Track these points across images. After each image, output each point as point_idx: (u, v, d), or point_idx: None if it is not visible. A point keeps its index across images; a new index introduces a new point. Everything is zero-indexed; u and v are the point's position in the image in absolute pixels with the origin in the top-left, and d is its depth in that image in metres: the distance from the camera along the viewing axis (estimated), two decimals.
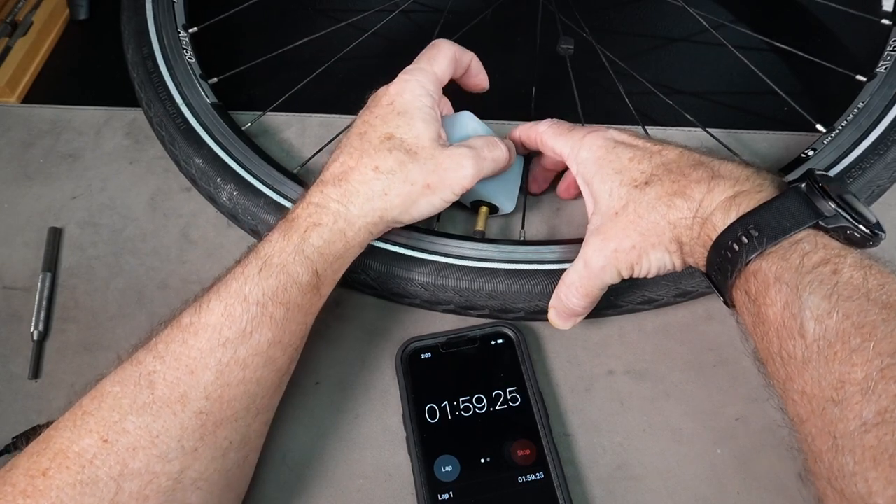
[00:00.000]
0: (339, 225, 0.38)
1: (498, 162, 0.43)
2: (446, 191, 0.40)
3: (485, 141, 0.43)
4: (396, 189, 0.39)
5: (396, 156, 0.39)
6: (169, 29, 0.55)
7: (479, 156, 0.41)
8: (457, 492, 0.38)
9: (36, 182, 0.54)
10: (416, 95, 0.41)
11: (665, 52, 0.61)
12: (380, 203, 0.39)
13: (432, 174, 0.40)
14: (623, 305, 0.43)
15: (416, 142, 0.40)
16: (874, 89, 0.48)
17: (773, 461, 0.40)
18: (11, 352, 0.46)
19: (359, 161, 0.40)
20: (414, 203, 0.40)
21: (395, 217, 0.40)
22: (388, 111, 0.41)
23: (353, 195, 0.39)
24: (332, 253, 0.38)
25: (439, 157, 0.40)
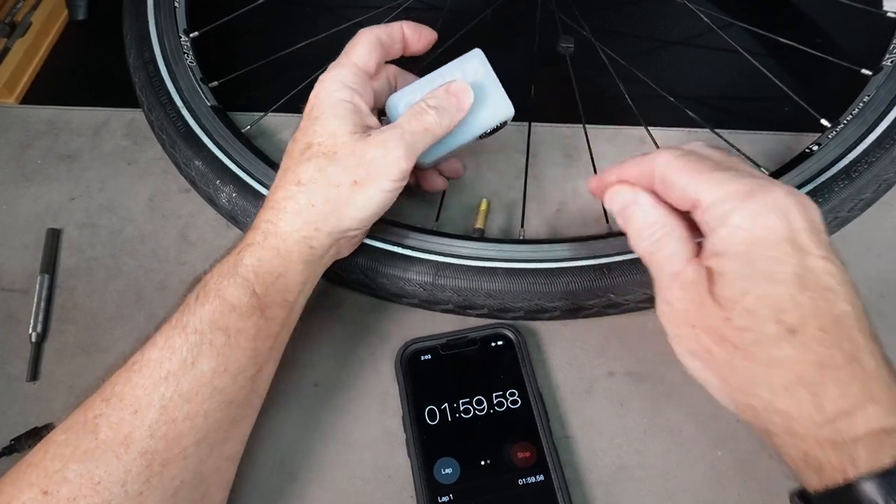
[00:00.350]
0: (271, 242, 0.37)
1: (431, 129, 0.40)
2: (380, 181, 0.38)
3: (410, 112, 0.40)
4: (321, 196, 0.37)
5: (315, 163, 0.38)
6: (170, 34, 0.55)
7: (403, 132, 0.38)
8: (457, 494, 0.38)
9: (34, 183, 0.54)
10: (329, 93, 0.39)
11: (666, 52, 0.61)
12: (309, 216, 0.37)
13: (357, 169, 0.37)
14: (624, 304, 0.43)
15: (332, 141, 0.38)
16: (880, 83, 0.48)
17: (773, 464, 0.39)
18: (10, 353, 0.46)
19: (282, 179, 0.38)
20: (348, 204, 0.38)
21: (336, 225, 0.38)
22: (307, 120, 0.40)
23: (281, 212, 0.37)
24: (270, 272, 0.36)
25: (360, 149, 0.38)
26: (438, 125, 0.40)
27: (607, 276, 0.43)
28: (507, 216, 0.51)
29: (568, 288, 0.43)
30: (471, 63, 0.42)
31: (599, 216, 0.50)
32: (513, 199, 0.52)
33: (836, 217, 0.43)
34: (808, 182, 0.44)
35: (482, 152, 0.54)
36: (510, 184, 0.53)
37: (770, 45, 0.59)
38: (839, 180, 0.44)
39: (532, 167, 0.53)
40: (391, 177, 0.38)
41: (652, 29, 0.63)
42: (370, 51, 0.41)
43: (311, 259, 0.38)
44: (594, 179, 0.39)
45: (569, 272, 0.43)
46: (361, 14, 0.60)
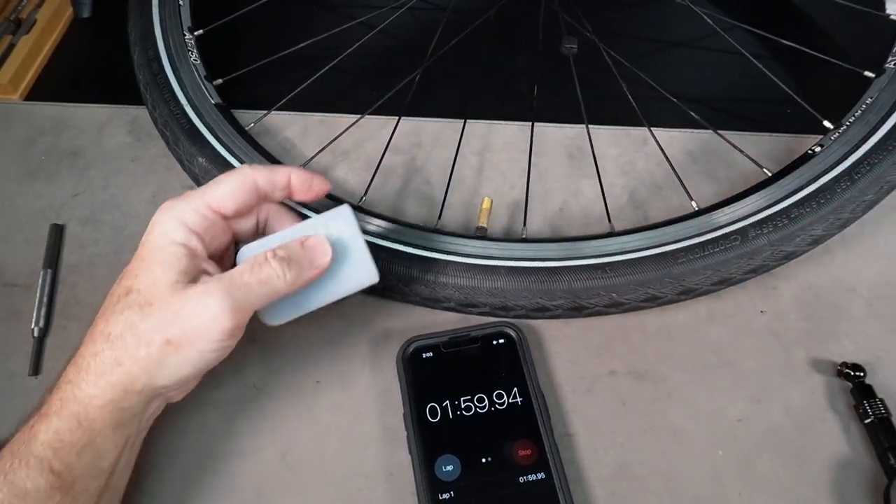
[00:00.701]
0: (70, 409, 0.32)
1: (270, 282, 0.35)
2: (198, 342, 0.33)
3: (251, 262, 0.35)
4: (130, 356, 0.33)
5: (127, 316, 0.33)
6: (174, 32, 0.56)
7: (231, 285, 0.33)
8: (458, 491, 0.38)
9: (38, 179, 0.54)
10: (163, 232, 0.35)
11: (669, 53, 0.61)
12: (117, 377, 0.33)
13: (171, 326, 0.33)
14: (626, 303, 0.43)
15: (151, 291, 0.33)
16: (883, 85, 0.48)
17: (774, 462, 0.40)
18: (12, 349, 0.46)
19: (94, 329, 0.34)
20: (161, 365, 0.33)
21: (148, 384, 0.33)
22: (136, 256, 0.36)
23: (84, 371, 0.33)
24: (72, 443, 0.32)
25: (177, 302, 0.33)
26: (281, 279, 0.35)
27: (609, 275, 0.43)
28: (510, 216, 0.51)
29: (569, 286, 0.43)
30: (336, 220, 0.38)
31: (602, 216, 0.50)
32: (515, 199, 0.52)
33: (838, 219, 0.43)
34: (811, 184, 0.44)
35: (484, 152, 0.55)
36: (513, 183, 0.53)
37: (773, 47, 0.59)
38: (841, 182, 0.44)
39: (535, 167, 0.53)
40: (210, 338, 0.33)
41: (655, 30, 0.63)
42: (234, 192, 0.37)
43: (123, 421, 0.34)
44: None
45: (570, 271, 0.43)
46: (365, 13, 0.60)
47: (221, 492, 0.40)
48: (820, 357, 0.44)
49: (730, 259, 0.43)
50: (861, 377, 0.42)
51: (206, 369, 0.35)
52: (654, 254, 0.43)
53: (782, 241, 0.43)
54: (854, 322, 0.45)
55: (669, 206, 0.51)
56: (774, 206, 0.44)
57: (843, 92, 0.50)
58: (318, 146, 0.54)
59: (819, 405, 0.42)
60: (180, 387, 0.36)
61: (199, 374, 0.36)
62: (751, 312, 0.46)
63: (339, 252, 0.38)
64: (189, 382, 0.36)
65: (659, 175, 0.53)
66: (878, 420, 0.40)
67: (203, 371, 0.35)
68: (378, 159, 0.52)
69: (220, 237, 0.38)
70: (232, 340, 0.34)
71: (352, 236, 0.38)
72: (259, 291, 0.34)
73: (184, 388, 0.37)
